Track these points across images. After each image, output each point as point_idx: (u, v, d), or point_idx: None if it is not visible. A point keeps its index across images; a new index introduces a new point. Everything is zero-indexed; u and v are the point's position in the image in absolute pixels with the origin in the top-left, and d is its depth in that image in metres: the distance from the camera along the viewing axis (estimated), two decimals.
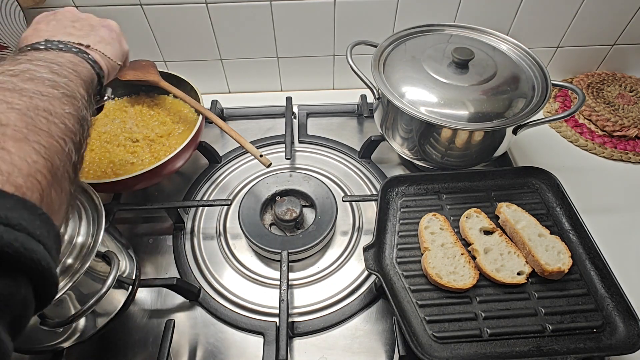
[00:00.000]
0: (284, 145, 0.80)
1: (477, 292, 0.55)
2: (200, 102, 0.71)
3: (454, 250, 0.58)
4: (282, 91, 0.97)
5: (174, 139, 0.70)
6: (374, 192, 0.73)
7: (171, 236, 0.68)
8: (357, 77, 0.71)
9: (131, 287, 0.56)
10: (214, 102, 0.87)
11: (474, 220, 0.62)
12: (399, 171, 0.78)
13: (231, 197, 0.74)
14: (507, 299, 0.55)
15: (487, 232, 0.61)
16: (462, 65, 0.65)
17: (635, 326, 0.50)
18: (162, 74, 0.76)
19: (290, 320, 0.57)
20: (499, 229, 0.62)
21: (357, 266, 0.65)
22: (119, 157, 0.67)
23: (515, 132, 0.65)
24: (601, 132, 0.83)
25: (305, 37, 0.85)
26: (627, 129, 0.81)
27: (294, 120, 0.86)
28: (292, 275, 0.63)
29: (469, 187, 0.68)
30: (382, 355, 0.56)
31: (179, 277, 0.63)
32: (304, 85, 0.95)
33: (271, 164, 0.65)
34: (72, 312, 0.45)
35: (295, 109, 0.88)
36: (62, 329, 0.48)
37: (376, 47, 0.72)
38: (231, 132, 0.67)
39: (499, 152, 0.68)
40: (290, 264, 0.62)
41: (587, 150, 0.82)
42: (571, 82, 0.91)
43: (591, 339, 0.51)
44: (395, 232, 0.62)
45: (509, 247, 0.59)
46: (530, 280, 0.56)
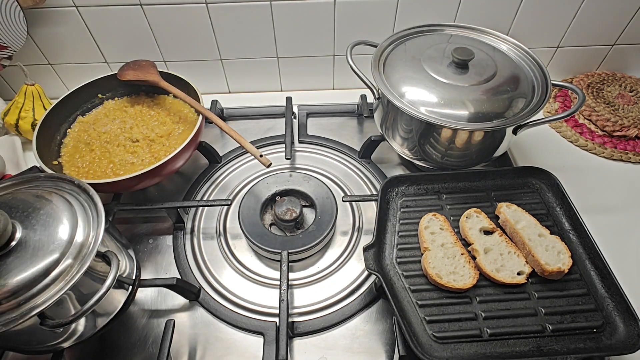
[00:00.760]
0: (284, 145, 0.80)
1: (477, 292, 0.55)
2: (200, 102, 0.71)
3: (454, 250, 0.58)
4: (282, 91, 0.97)
5: (174, 139, 0.70)
6: (374, 192, 0.73)
7: (171, 236, 0.68)
8: (357, 77, 0.71)
9: (131, 287, 0.56)
10: (214, 102, 0.88)
11: (474, 220, 0.62)
12: (399, 171, 0.78)
13: (231, 197, 0.74)
14: (507, 299, 0.55)
15: (487, 232, 0.61)
16: (462, 65, 0.65)
17: (635, 326, 0.50)
18: (162, 74, 0.76)
19: (290, 320, 0.57)
20: (499, 229, 0.62)
21: (357, 266, 0.65)
22: (119, 157, 0.67)
23: (515, 132, 0.65)
24: (601, 132, 0.83)
25: (305, 37, 0.85)
26: (627, 129, 0.81)
27: (294, 120, 0.86)
28: (292, 275, 0.63)
29: (469, 187, 0.68)
30: (382, 355, 0.56)
31: (179, 277, 0.63)
32: (304, 85, 0.95)
33: (271, 164, 0.65)
34: (72, 312, 0.45)
35: (295, 109, 0.88)
36: (62, 329, 0.48)
37: (376, 47, 0.72)
38: (231, 132, 0.67)
39: (499, 152, 0.68)
40: (290, 264, 0.62)
41: (587, 150, 0.82)
42: (571, 82, 0.91)
43: (591, 339, 0.51)
44: (395, 232, 0.62)
45: (509, 247, 0.59)
46: (530, 280, 0.56)
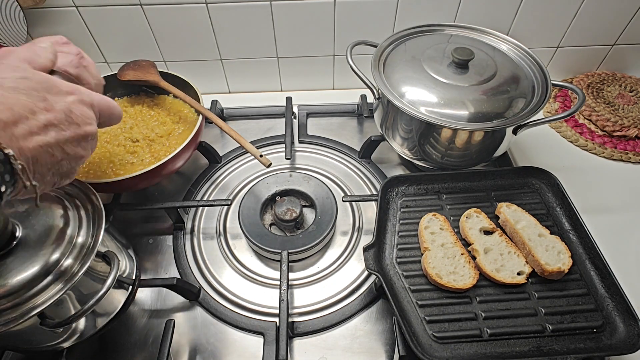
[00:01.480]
0: (284, 145, 0.79)
1: (477, 292, 0.55)
2: (200, 102, 0.71)
3: (454, 250, 0.58)
4: (282, 91, 0.97)
5: (174, 139, 0.70)
6: (374, 192, 0.73)
7: (171, 236, 0.68)
8: (357, 77, 0.71)
9: (131, 287, 0.56)
10: (214, 102, 0.87)
11: (474, 220, 0.62)
12: (399, 171, 0.78)
13: (231, 197, 0.74)
14: (507, 299, 0.55)
15: (487, 232, 0.61)
16: (462, 65, 0.65)
17: (635, 326, 0.50)
18: (162, 74, 0.76)
19: (290, 320, 0.57)
20: (499, 229, 0.62)
21: (357, 266, 0.65)
22: (119, 157, 0.67)
23: (515, 132, 0.65)
24: (601, 132, 0.83)
25: (305, 37, 0.85)
26: (627, 129, 0.81)
27: (294, 120, 0.86)
28: (292, 275, 0.63)
29: (469, 187, 0.68)
30: (382, 355, 0.56)
31: (179, 277, 0.63)
32: (304, 85, 0.95)
33: (271, 164, 0.65)
34: (72, 312, 0.45)
35: (295, 109, 0.88)
36: (62, 329, 0.48)
37: (376, 47, 0.72)
38: (231, 132, 0.67)
39: (499, 152, 0.68)
40: (290, 264, 0.62)
41: (587, 150, 0.82)
42: (571, 82, 0.91)
43: (591, 339, 0.51)
44: (395, 232, 0.62)
45: (509, 247, 0.59)
46: (530, 280, 0.56)
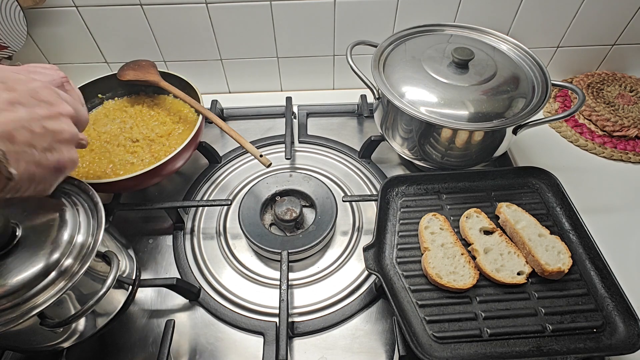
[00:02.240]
0: (284, 145, 0.79)
1: (477, 292, 0.55)
2: (200, 102, 0.71)
3: (454, 250, 0.58)
4: (282, 91, 0.97)
5: (174, 139, 0.70)
6: (374, 192, 0.73)
7: (171, 236, 0.68)
8: (357, 77, 0.71)
9: (131, 287, 0.56)
10: (214, 102, 0.87)
11: (474, 220, 0.62)
12: (399, 171, 0.78)
13: (231, 197, 0.74)
14: (507, 299, 0.55)
15: (487, 232, 0.61)
16: (462, 65, 0.65)
17: (635, 326, 0.50)
18: (162, 74, 0.76)
19: (290, 320, 0.57)
20: (499, 229, 0.62)
21: (357, 266, 0.65)
22: (119, 157, 0.67)
23: (515, 132, 0.65)
24: (601, 132, 0.83)
25: (305, 37, 0.85)
26: (627, 129, 0.81)
27: (294, 120, 0.86)
28: (292, 275, 0.63)
29: (469, 187, 0.68)
30: (382, 355, 0.56)
31: (179, 277, 0.63)
32: (304, 85, 0.95)
33: (271, 164, 0.65)
34: (72, 312, 0.45)
35: (295, 109, 0.88)
36: (62, 329, 0.48)
37: (376, 47, 0.72)
38: (231, 132, 0.67)
39: (499, 152, 0.68)
40: (290, 264, 0.62)
41: (587, 150, 0.82)
42: (571, 82, 0.91)
43: (591, 339, 0.51)
44: (395, 232, 0.62)
45: (509, 247, 0.59)
46: (530, 280, 0.56)
